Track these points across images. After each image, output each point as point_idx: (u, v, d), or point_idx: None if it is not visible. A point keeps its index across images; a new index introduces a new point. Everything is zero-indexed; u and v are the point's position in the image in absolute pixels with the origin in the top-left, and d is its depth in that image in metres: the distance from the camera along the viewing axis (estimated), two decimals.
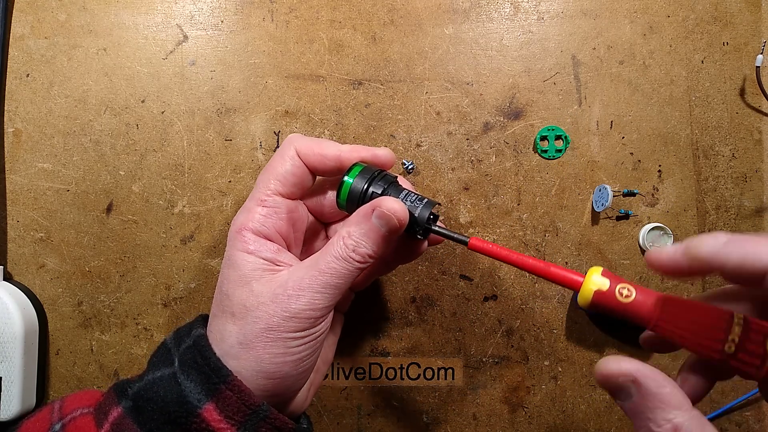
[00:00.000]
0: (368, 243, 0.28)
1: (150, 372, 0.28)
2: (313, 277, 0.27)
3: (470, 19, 0.39)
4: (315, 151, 0.30)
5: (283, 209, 0.29)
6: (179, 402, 0.26)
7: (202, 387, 0.26)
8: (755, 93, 0.39)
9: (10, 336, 0.35)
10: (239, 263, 0.28)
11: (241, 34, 0.39)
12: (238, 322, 0.27)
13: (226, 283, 0.28)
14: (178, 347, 0.28)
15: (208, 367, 0.26)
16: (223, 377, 0.26)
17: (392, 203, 0.28)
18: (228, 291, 0.28)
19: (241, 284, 0.28)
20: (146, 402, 0.26)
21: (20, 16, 0.39)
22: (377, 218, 0.28)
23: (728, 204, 0.39)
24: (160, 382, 0.27)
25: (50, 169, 0.39)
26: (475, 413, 0.39)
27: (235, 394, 0.26)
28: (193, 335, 0.28)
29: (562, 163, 0.39)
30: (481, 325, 0.39)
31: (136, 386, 0.27)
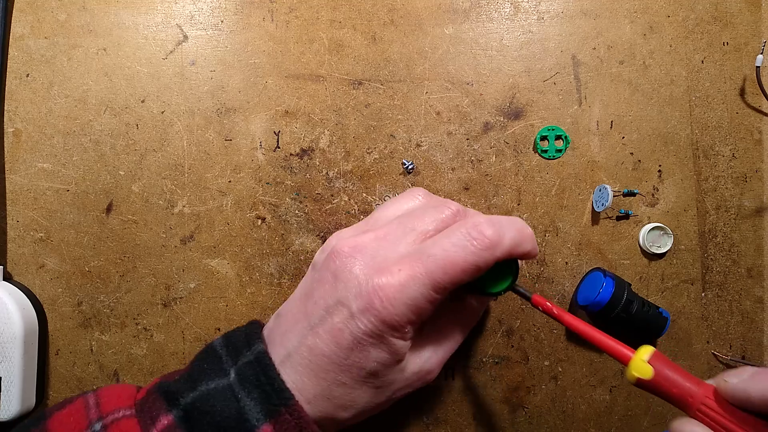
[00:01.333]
0: None
1: (203, 381, 0.26)
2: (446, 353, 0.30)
3: (470, 19, 0.39)
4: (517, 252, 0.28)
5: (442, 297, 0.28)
6: (237, 419, 0.25)
7: (262, 407, 0.25)
8: (755, 93, 0.39)
9: (9, 336, 0.35)
10: (398, 350, 0.27)
11: (241, 34, 0.39)
12: (375, 396, 0.28)
13: (376, 364, 0.26)
14: (233, 359, 0.27)
15: (271, 387, 0.25)
16: (284, 400, 0.25)
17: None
18: (376, 370, 0.27)
19: (397, 367, 0.27)
20: (201, 414, 0.25)
21: (20, 16, 0.39)
22: None
23: (728, 204, 0.39)
24: (215, 394, 0.25)
25: (50, 169, 0.39)
26: (475, 413, 0.39)
27: (294, 419, 0.25)
28: (255, 351, 0.27)
29: (562, 163, 0.39)
30: (481, 325, 0.39)
31: (190, 396, 0.26)
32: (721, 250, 0.39)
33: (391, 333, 0.26)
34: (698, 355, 0.39)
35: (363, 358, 0.26)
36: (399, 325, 0.26)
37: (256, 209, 0.39)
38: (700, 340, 0.39)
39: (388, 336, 0.26)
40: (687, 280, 0.39)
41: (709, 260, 0.39)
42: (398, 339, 0.26)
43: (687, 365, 0.39)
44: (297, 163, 0.39)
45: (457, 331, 0.30)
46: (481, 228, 0.26)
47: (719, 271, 0.39)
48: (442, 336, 0.30)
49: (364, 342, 0.26)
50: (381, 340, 0.26)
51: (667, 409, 0.38)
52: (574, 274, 0.39)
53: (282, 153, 0.39)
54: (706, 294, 0.39)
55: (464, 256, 0.26)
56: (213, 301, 0.39)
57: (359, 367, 0.26)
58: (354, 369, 0.26)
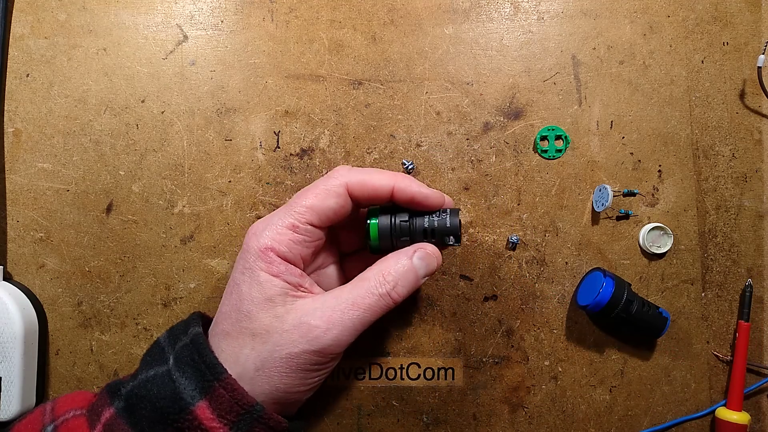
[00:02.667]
0: (405, 283, 0.29)
1: (143, 371, 0.27)
2: (344, 311, 0.27)
3: (470, 19, 0.39)
4: (368, 185, 0.29)
5: (312, 238, 0.29)
6: (173, 398, 0.25)
7: (196, 384, 0.26)
8: (755, 93, 0.39)
9: (10, 336, 0.35)
10: (264, 284, 0.27)
11: (241, 34, 0.39)
12: (258, 347, 0.27)
13: (248, 303, 0.27)
14: (173, 345, 0.28)
15: (204, 364, 0.26)
16: (217, 375, 0.26)
17: (432, 248, 0.30)
18: (249, 311, 0.27)
19: (266, 306, 0.27)
20: (139, 400, 0.26)
21: (20, 16, 0.39)
22: (420, 259, 0.29)
23: (728, 204, 0.39)
24: (153, 380, 0.26)
25: (50, 169, 0.39)
26: (475, 413, 0.39)
27: (228, 392, 0.25)
28: (191, 333, 0.28)
29: (562, 163, 0.39)
30: (481, 325, 0.39)
31: (129, 385, 0.27)
32: (721, 250, 0.39)
33: (257, 263, 0.27)
34: (698, 355, 0.39)
35: (237, 299, 0.27)
36: (260, 251, 0.27)
37: (256, 209, 0.39)
38: (700, 340, 0.39)
39: (255, 268, 0.27)
40: (687, 280, 0.39)
41: (709, 260, 0.39)
42: (263, 272, 0.27)
43: (687, 365, 0.39)
44: (297, 163, 0.39)
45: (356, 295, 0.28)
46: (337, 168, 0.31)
47: (719, 271, 0.39)
48: (337, 299, 0.28)
49: (238, 280, 0.28)
50: (249, 273, 0.27)
51: (667, 409, 0.39)
52: (574, 274, 0.39)
53: (282, 153, 0.39)
54: (706, 294, 0.39)
55: (317, 183, 0.30)
56: (213, 301, 0.39)
57: (237, 311, 0.27)
58: (233, 314, 0.27)
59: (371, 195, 0.30)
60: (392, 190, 0.30)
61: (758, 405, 0.39)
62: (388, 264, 0.29)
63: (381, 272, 0.29)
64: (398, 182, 0.30)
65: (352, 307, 0.27)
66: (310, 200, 0.29)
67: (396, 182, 0.30)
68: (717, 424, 0.37)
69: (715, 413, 0.37)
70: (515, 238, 0.38)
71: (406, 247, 0.30)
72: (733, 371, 0.37)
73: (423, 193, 0.30)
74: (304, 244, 0.29)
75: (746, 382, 0.37)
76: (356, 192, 0.30)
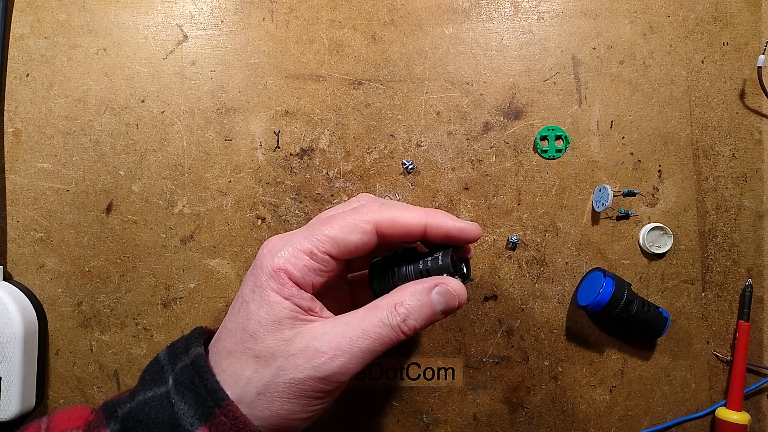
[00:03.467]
0: (420, 316, 0.27)
1: (142, 391, 0.26)
2: (353, 339, 0.26)
3: (470, 19, 0.39)
4: (399, 224, 0.28)
5: (327, 269, 0.28)
6: (171, 424, 0.24)
7: (196, 410, 0.25)
8: (755, 93, 0.39)
9: (10, 336, 0.35)
10: (274, 305, 0.26)
11: (241, 34, 0.39)
12: (261, 370, 0.26)
13: (255, 323, 0.26)
14: (173, 365, 0.27)
15: (205, 388, 0.25)
16: (218, 401, 0.25)
17: (455, 283, 0.28)
18: (255, 331, 0.26)
19: (273, 328, 0.26)
20: (135, 424, 0.25)
21: (20, 16, 0.39)
22: (439, 295, 0.27)
23: (728, 204, 0.39)
24: (152, 402, 0.25)
25: (50, 169, 0.39)
26: (475, 413, 0.39)
27: (229, 420, 0.24)
28: (192, 354, 0.27)
29: (562, 163, 0.39)
30: (481, 325, 0.39)
31: (127, 407, 0.26)
32: (721, 250, 0.39)
33: (269, 283, 0.26)
34: (698, 355, 0.39)
35: (245, 318, 0.26)
36: (273, 271, 0.26)
37: (256, 209, 0.39)
38: (700, 340, 0.39)
39: (266, 287, 0.26)
40: (687, 280, 0.39)
41: (709, 260, 0.39)
42: (274, 293, 0.26)
43: (687, 365, 0.39)
44: (297, 163, 0.39)
45: (367, 323, 0.27)
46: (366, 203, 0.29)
47: (719, 271, 0.39)
48: (347, 326, 0.27)
49: (247, 297, 0.27)
50: (260, 292, 0.26)
51: (667, 409, 0.39)
52: (574, 274, 0.39)
53: (282, 153, 0.39)
54: (706, 294, 0.39)
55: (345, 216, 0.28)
56: (213, 301, 0.39)
57: (242, 330, 0.26)
58: (238, 333, 0.26)
59: (402, 234, 0.28)
60: (425, 228, 0.28)
61: (758, 405, 0.39)
62: (404, 294, 0.27)
63: (395, 302, 0.27)
64: (431, 219, 0.28)
65: (362, 335, 0.26)
66: (334, 231, 0.27)
67: (429, 219, 0.28)
68: (717, 424, 0.37)
69: (715, 413, 0.37)
70: (515, 238, 0.38)
71: (428, 278, 0.28)
72: (733, 371, 0.37)
73: (458, 228, 0.28)
74: (318, 273, 0.27)
75: (746, 382, 0.37)
76: (386, 231, 0.28)
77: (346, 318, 0.27)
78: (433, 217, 0.28)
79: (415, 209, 0.28)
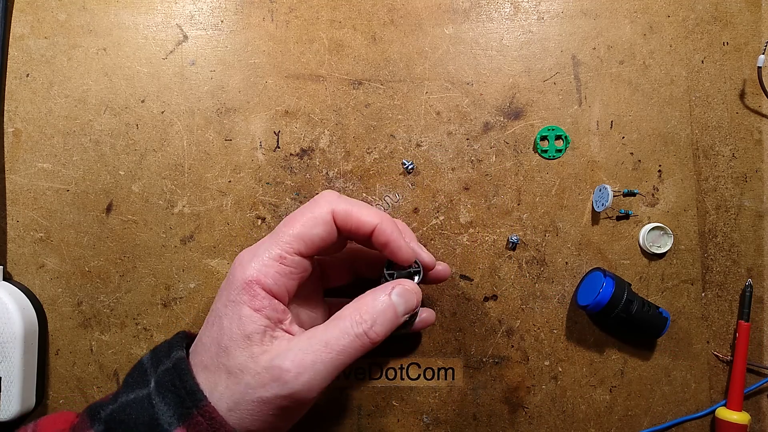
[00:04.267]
0: (384, 321, 0.27)
1: (125, 393, 0.27)
2: (316, 354, 0.26)
3: (470, 19, 0.39)
4: (354, 217, 0.28)
5: (299, 270, 0.28)
6: (150, 424, 0.25)
7: (175, 410, 0.25)
8: (755, 93, 0.39)
9: (10, 336, 0.35)
10: (244, 319, 0.26)
11: (241, 34, 0.39)
12: (232, 386, 0.26)
13: (227, 338, 0.26)
14: (155, 368, 0.27)
15: (185, 390, 0.25)
16: (196, 402, 0.25)
17: (412, 284, 0.29)
18: (227, 347, 0.26)
19: (243, 344, 0.26)
20: (117, 425, 0.25)
21: (20, 16, 0.39)
22: (398, 296, 0.28)
23: (728, 204, 0.39)
24: (133, 404, 0.26)
25: (50, 169, 0.39)
26: (475, 413, 0.39)
27: (206, 420, 0.25)
28: (173, 357, 0.27)
29: (562, 163, 0.39)
30: (481, 325, 0.39)
31: (109, 408, 0.26)
32: (721, 250, 0.39)
33: (240, 297, 0.27)
34: (698, 355, 0.39)
35: (218, 332, 0.27)
36: (244, 284, 0.27)
37: (256, 209, 0.39)
38: (700, 340, 0.39)
39: (238, 301, 0.27)
40: (687, 280, 0.39)
41: (709, 260, 0.39)
42: (245, 306, 0.26)
43: (687, 365, 0.39)
44: (297, 163, 0.39)
45: (329, 336, 0.27)
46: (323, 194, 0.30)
47: (719, 271, 0.39)
48: (310, 340, 0.27)
49: (220, 312, 0.27)
50: (232, 307, 0.27)
51: (667, 409, 0.39)
52: (574, 274, 0.39)
53: (282, 153, 0.39)
54: (706, 294, 0.39)
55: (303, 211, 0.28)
56: (213, 301, 0.39)
57: (217, 345, 0.27)
58: (212, 347, 0.27)
59: (354, 228, 0.29)
60: (374, 229, 0.28)
61: (758, 405, 0.39)
62: (365, 301, 0.28)
63: (358, 310, 0.27)
64: (383, 223, 0.28)
65: (325, 349, 0.26)
66: (297, 229, 0.28)
67: (381, 222, 0.28)
68: (717, 424, 0.37)
69: (715, 413, 0.37)
70: (515, 238, 0.38)
71: (385, 283, 0.29)
72: (733, 371, 0.37)
73: (398, 244, 0.29)
74: (290, 276, 0.28)
75: (746, 382, 0.37)
76: (341, 222, 0.28)
77: (309, 332, 0.27)
78: (385, 222, 0.29)
79: (372, 209, 0.29)
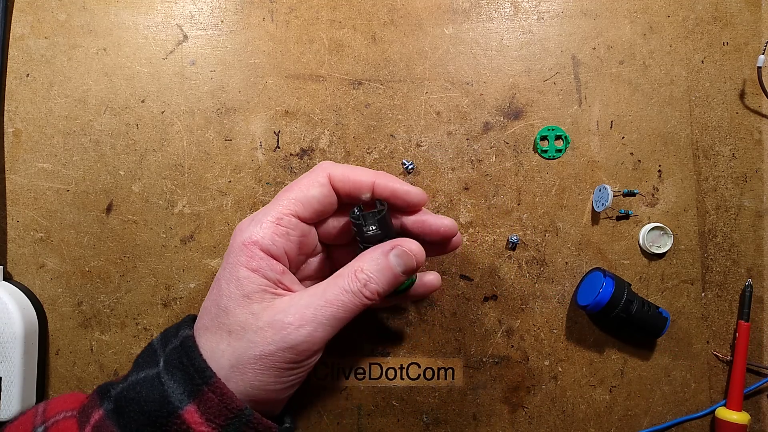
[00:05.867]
0: (381, 280, 0.28)
1: (134, 373, 0.27)
2: (317, 308, 0.27)
3: (470, 19, 0.39)
4: (350, 178, 0.29)
5: (297, 232, 0.29)
6: (161, 402, 0.25)
7: (185, 388, 0.25)
8: (755, 93, 0.39)
9: (10, 336, 0.35)
10: (242, 280, 0.27)
11: (241, 34, 0.39)
12: (233, 343, 0.26)
13: (226, 299, 0.27)
14: (164, 348, 0.28)
15: (193, 367, 0.26)
16: (206, 378, 0.26)
17: (413, 244, 0.29)
18: (227, 306, 0.27)
19: (242, 303, 0.27)
20: (128, 403, 0.26)
21: (20, 16, 0.39)
22: (396, 257, 0.28)
23: (728, 204, 0.39)
24: (143, 382, 0.26)
25: (50, 169, 0.39)
26: (475, 413, 0.39)
27: (217, 396, 0.25)
28: (181, 336, 0.28)
29: (562, 163, 0.39)
30: (481, 325, 0.39)
31: (119, 387, 0.27)
32: (721, 250, 0.39)
33: (239, 258, 0.27)
34: (698, 355, 0.39)
35: (217, 294, 0.27)
36: (242, 245, 0.27)
37: (256, 209, 0.39)
38: (700, 340, 0.39)
39: (236, 263, 0.27)
40: (687, 280, 0.39)
41: (709, 260, 0.39)
42: (243, 267, 0.27)
43: (687, 365, 0.39)
44: (297, 163, 0.39)
45: (329, 292, 0.28)
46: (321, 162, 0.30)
47: (719, 271, 0.39)
48: (311, 296, 0.28)
49: (219, 275, 0.28)
50: (230, 269, 0.27)
51: (667, 409, 0.39)
52: (574, 274, 0.39)
53: (282, 153, 0.39)
54: (706, 294, 0.39)
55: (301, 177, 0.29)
56: None
57: (216, 306, 0.27)
58: (212, 309, 0.27)
59: (353, 188, 0.30)
60: (373, 185, 0.30)
61: (758, 405, 0.39)
62: (363, 260, 0.28)
63: (354, 269, 0.28)
64: (380, 178, 0.30)
65: (325, 304, 0.27)
66: (294, 192, 0.29)
67: (377, 178, 0.30)
68: (717, 424, 0.37)
69: (715, 413, 0.37)
70: (515, 238, 0.38)
71: (385, 242, 0.29)
72: (733, 371, 0.37)
73: (404, 189, 0.30)
74: (287, 237, 0.28)
75: (746, 382, 0.37)
76: (338, 184, 0.29)
77: (311, 290, 0.28)
78: (381, 176, 0.30)
79: (366, 170, 0.30)
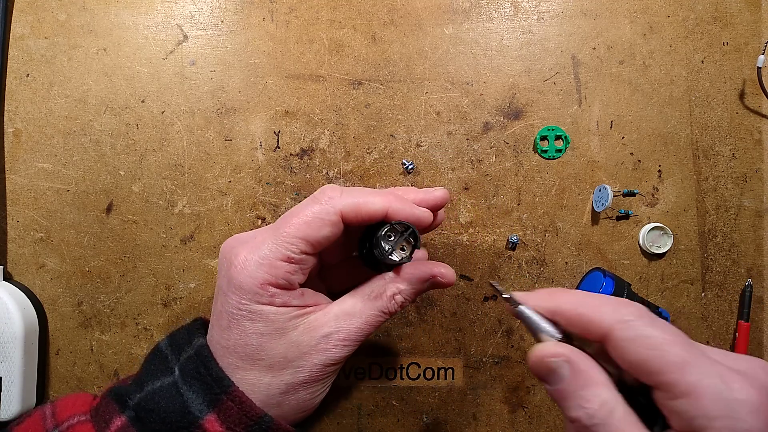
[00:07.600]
0: (410, 298, 0.30)
1: (149, 381, 0.27)
2: (359, 329, 0.28)
3: (470, 19, 0.39)
4: (362, 212, 0.28)
5: (307, 265, 0.28)
6: (181, 413, 0.26)
7: (204, 398, 0.26)
8: (755, 93, 0.39)
9: (10, 336, 0.35)
10: (269, 316, 0.27)
11: (241, 34, 0.39)
12: (279, 374, 0.27)
13: (256, 337, 0.27)
14: (177, 355, 0.28)
15: (210, 377, 0.26)
16: (224, 388, 0.26)
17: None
18: (260, 344, 0.27)
19: (278, 336, 0.27)
20: (148, 413, 0.26)
21: (20, 16, 0.39)
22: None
23: (728, 204, 0.39)
24: (160, 392, 0.26)
25: (50, 169, 0.39)
26: (475, 413, 0.39)
27: (236, 405, 0.26)
28: (195, 345, 0.28)
29: (562, 163, 0.39)
30: (481, 325, 0.39)
31: (137, 397, 0.27)
32: (721, 250, 0.39)
33: (256, 299, 0.27)
34: None
35: (241, 334, 0.27)
36: (257, 288, 0.26)
37: (256, 209, 0.39)
38: (700, 340, 0.39)
39: (254, 305, 0.27)
40: (687, 280, 0.39)
41: (709, 260, 0.39)
42: (266, 305, 0.27)
43: None
44: (297, 163, 0.39)
45: (368, 313, 0.29)
46: (326, 191, 0.28)
47: (719, 271, 0.39)
48: (351, 318, 0.29)
49: (236, 315, 0.27)
50: (248, 308, 0.27)
51: None
52: (574, 274, 0.39)
53: (282, 153, 0.39)
54: (706, 294, 0.39)
55: (308, 210, 0.27)
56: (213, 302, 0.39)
57: (243, 346, 0.27)
58: (239, 349, 0.27)
59: (365, 219, 0.29)
60: (386, 214, 0.29)
61: None
62: (401, 282, 0.29)
63: (393, 293, 0.29)
64: (392, 205, 0.29)
65: (364, 325, 0.28)
66: (303, 230, 0.27)
67: (390, 205, 0.28)
68: None
69: None
70: (515, 238, 0.38)
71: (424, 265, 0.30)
72: None
73: (415, 215, 0.29)
74: (300, 272, 0.28)
75: None
76: (350, 217, 0.28)
77: (346, 307, 0.29)
78: (394, 203, 0.29)
79: (377, 194, 0.29)
